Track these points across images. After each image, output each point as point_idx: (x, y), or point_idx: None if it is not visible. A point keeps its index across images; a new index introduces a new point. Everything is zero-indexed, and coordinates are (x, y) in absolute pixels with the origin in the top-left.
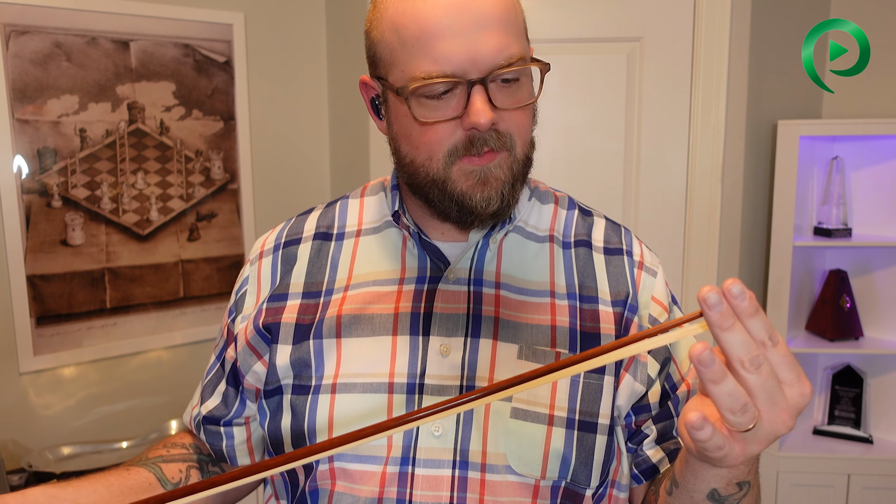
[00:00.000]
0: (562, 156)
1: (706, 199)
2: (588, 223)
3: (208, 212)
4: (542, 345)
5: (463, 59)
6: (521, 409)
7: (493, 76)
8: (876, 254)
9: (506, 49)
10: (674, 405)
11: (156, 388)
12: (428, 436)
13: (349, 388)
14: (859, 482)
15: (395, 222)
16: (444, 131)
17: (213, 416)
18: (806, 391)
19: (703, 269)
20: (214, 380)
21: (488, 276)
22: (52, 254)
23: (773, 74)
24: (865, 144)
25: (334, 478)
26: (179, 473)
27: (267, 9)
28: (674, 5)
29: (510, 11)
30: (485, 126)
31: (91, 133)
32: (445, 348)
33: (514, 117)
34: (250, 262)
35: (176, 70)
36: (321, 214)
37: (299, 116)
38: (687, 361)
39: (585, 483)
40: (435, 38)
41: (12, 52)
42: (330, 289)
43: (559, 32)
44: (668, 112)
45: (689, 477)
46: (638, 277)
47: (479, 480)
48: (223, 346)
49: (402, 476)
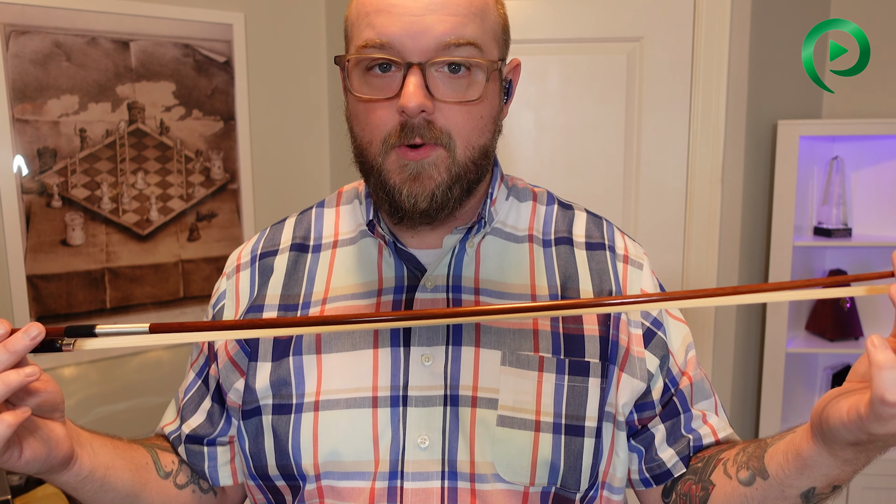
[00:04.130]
0: (562, 156)
1: (706, 199)
2: (569, 217)
3: (208, 212)
4: (525, 350)
5: (402, 33)
6: (507, 417)
7: (433, 61)
8: (876, 254)
9: (452, 35)
10: (679, 400)
11: (156, 388)
12: (415, 448)
13: (332, 404)
14: (859, 482)
15: (371, 232)
16: (382, 115)
17: (197, 435)
18: None
19: (703, 269)
20: (196, 398)
21: (466, 281)
22: (52, 254)
23: (773, 74)
24: (865, 144)
25: (322, 496)
26: (172, 465)
27: (267, 9)
28: (674, 5)
29: (476, 7)
30: (412, 110)
31: (91, 133)
32: (427, 357)
33: (453, 113)
34: (226, 276)
35: (176, 70)
36: (296, 224)
37: (299, 116)
38: (682, 353)
39: (575, 488)
40: (380, 12)
41: (12, 52)
42: (307, 301)
43: (559, 32)
44: (668, 112)
45: (792, 471)
46: (624, 272)
47: (468, 490)
48: (203, 363)
49: (391, 490)
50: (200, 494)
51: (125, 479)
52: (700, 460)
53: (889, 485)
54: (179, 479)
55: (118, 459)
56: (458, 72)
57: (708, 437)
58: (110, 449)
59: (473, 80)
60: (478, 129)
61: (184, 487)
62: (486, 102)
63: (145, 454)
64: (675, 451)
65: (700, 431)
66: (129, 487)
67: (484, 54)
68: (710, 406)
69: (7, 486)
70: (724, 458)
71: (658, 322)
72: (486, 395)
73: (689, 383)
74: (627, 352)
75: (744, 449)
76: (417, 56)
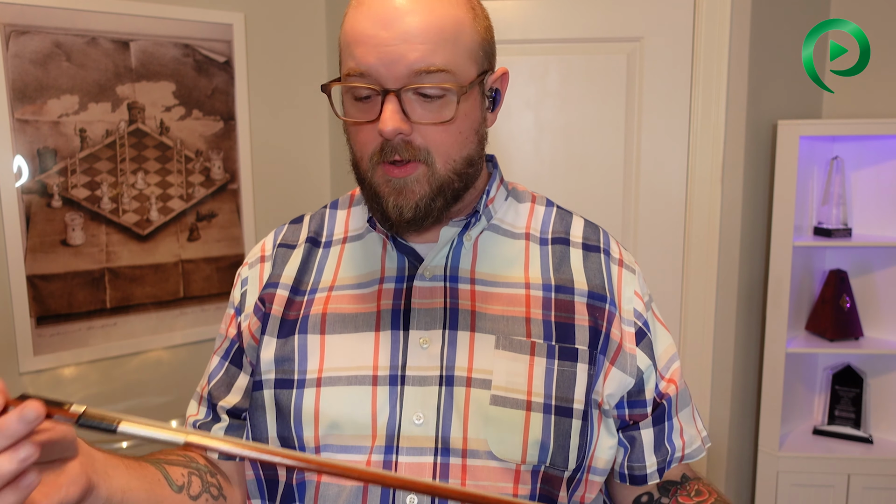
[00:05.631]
0: (562, 156)
1: (706, 199)
2: (566, 220)
3: (208, 212)
4: (518, 335)
5: (377, 63)
6: (500, 396)
7: (406, 88)
8: (876, 254)
9: (422, 63)
10: (668, 404)
11: (156, 388)
12: (410, 424)
13: (334, 381)
14: (859, 482)
15: (373, 228)
16: (368, 135)
17: (239, 409)
18: None
19: (703, 269)
20: (225, 380)
21: (463, 272)
22: (52, 254)
23: (773, 74)
24: (865, 144)
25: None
26: (182, 477)
27: (267, 9)
28: (674, 5)
29: (447, 32)
30: (389, 134)
31: (91, 133)
32: (425, 340)
33: (431, 133)
34: (249, 266)
35: (176, 70)
36: (310, 221)
37: (299, 116)
38: (665, 358)
39: (563, 466)
40: (359, 43)
41: (12, 52)
42: (315, 288)
43: (559, 32)
44: (668, 112)
45: None
46: (619, 274)
47: (460, 466)
48: (229, 346)
49: (385, 464)
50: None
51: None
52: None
53: (889, 485)
54: (192, 489)
55: (133, 480)
56: (431, 95)
57: (678, 451)
58: (124, 470)
59: (447, 101)
60: (457, 143)
61: (198, 497)
62: (463, 118)
63: (155, 471)
64: (657, 460)
65: (676, 444)
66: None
67: (456, 77)
68: (688, 414)
69: None
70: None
71: (648, 324)
72: (480, 377)
73: (675, 391)
74: (620, 347)
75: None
76: (393, 83)
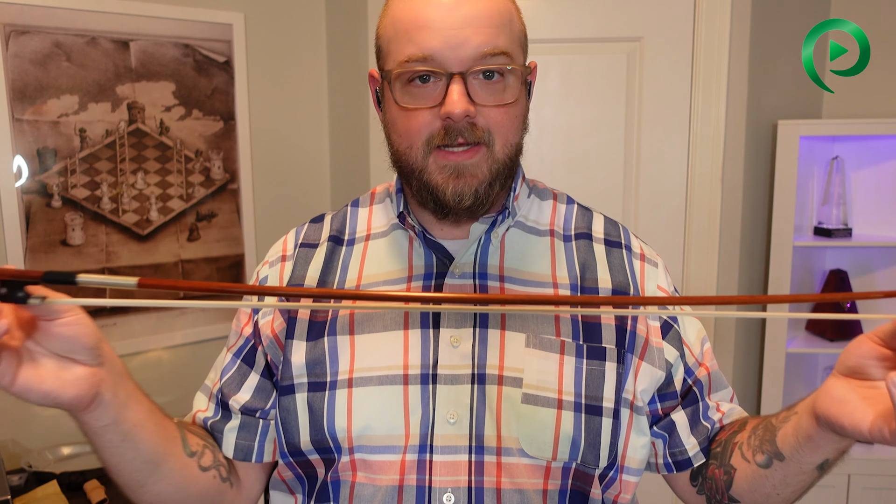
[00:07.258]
0: (562, 156)
1: (706, 199)
2: (588, 217)
3: (208, 212)
4: (547, 334)
5: (442, 47)
6: (531, 395)
7: (472, 70)
8: (876, 254)
9: (488, 46)
10: (698, 389)
11: (156, 388)
12: (444, 423)
13: (365, 381)
14: (859, 482)
15: (401, 224)
16: (423, 120)
17: (252, 408)
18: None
19: (703, 269)
20: (237, 377)
21: (492, 269)
22: (52, 254)
23: (773, 74)
24: (865, 144)
25: (355, 469)
26: (197, 446)
27: (267, 9)
28: (674, 5)
29: (504, 18)
30: (458, 116)
31: (91, 133)
32: (455, 339)
33: (493, 114)
34: (269, 264)
35: (176, 70)
36: (332, 219)
37: (299, 116)
38: (698, 345)
39: (594, 464)
40: (421, 28)
41: (12, 52)
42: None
43: (559, 32)
44: (668, 112)
45: (806, 452)
46: (641, 269)
47: (495, 464)
48: (243, 344)
49: (420, 463)
50: (220, 481)
51: (150, 443)
52: (718, 444)
53: (889, 485)
54: (204, 461)
55: (150, 423)
56: (494, 78)
57: (717, 423)
58: (146, 410)
59: (507, 84)
60: (514, 127)
61: (207, 470)
62: (519, 103)
63: (175, 429)
64: (697, 441)
65: (714, 418)
66: (152, 452)
67: (514, 61)
68: (727, 396)
69: (7, 487)
70: (739, 442)
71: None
72: (511, 374)
73: (706, 373)
74: (647, 342)
75: (754, 431)
76: (458, 66)
